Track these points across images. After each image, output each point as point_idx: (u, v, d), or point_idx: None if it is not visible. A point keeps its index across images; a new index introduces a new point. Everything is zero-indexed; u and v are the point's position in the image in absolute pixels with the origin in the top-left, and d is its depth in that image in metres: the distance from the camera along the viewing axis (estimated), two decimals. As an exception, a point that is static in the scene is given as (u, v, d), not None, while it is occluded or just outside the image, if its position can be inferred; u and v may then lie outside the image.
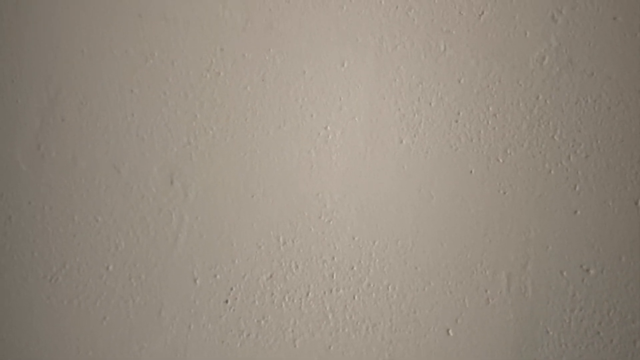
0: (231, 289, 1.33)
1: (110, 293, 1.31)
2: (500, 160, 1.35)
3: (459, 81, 1.39)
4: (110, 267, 1.32)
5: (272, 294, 1.32)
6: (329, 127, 1.38)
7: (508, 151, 1.35)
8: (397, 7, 1.43)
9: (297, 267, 1.33)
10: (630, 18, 1.41)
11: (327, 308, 1.32)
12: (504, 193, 1.33)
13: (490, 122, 1.37)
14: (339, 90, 1.40)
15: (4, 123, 1.37)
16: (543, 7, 1.43)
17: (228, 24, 1.42)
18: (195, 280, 1.32)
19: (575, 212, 1.33)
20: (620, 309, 1.29)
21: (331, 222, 1.34)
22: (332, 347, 1.32)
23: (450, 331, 1.30)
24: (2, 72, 1.39)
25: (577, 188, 1.34)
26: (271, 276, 1.33)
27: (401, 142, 1.37)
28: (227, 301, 1.32)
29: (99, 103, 1.38)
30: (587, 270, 1.30)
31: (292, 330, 1.32)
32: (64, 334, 1.31)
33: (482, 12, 1.42)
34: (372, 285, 1.33)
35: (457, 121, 1.37)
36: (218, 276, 1.33)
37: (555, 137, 1.35)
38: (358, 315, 1.32)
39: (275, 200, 1.35)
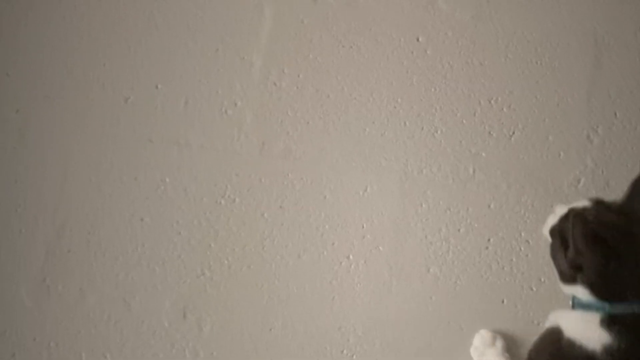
0: None
1: None
2: (534, 289, 1.46)
3: (489, 206, 1.52)
4: (121, 407, 1.40)
5: None
6: (351, 257, 1.49)
7: (542, 279, 1.46)
8: (422, 129, 1.57)
9: (318, 405, 1.41)
10: (671, 137, 1.52)
11: None
12: (538, 324, 1.41)
13: (522, 249, 1.49)
14: (361, 217, 1.51)
15: (7, 255, 1.47)
16: (578, 127, 1.56)
17: (244, 148, 1.55)
18: (210, 421, 1.40)
19: (615, 343, 1.45)
20: None
21: (354, 357, 1.44)
22: None
23: None
24: (6, 202, 1.50)
25: (616, 318, 1.46)
26: (291, 415, 1.40)
27: (428, 271, 1.48)
28: None
29: (107, 233, 1.49)
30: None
31: None
32: None
33: (513, 133, 1.56)
34: None
35: (487, 248, 1.49)
36: (235, 416, 1.40)
37: (592, 264, 1.49)
38: None
39: (294, 334, 1.44)
